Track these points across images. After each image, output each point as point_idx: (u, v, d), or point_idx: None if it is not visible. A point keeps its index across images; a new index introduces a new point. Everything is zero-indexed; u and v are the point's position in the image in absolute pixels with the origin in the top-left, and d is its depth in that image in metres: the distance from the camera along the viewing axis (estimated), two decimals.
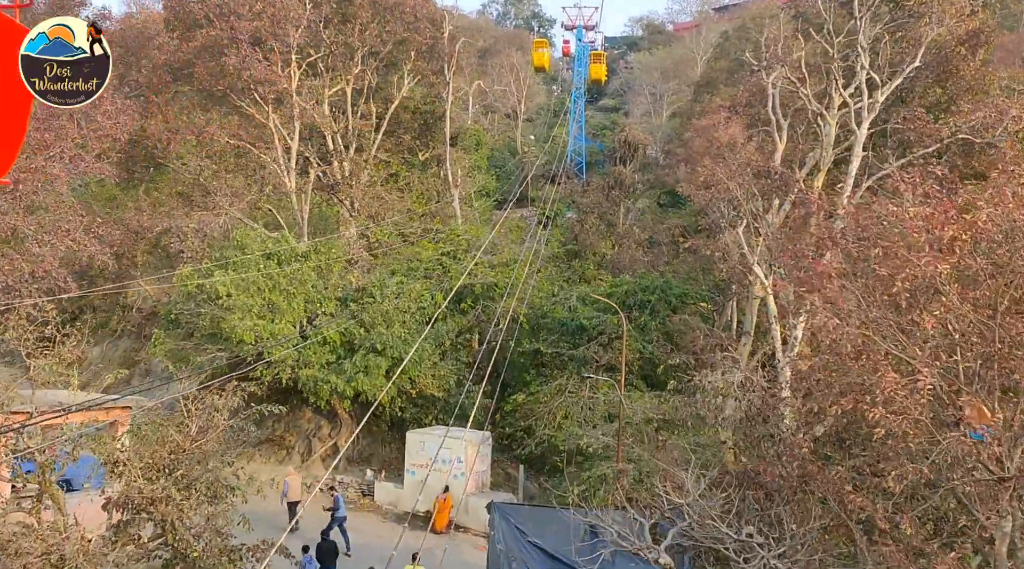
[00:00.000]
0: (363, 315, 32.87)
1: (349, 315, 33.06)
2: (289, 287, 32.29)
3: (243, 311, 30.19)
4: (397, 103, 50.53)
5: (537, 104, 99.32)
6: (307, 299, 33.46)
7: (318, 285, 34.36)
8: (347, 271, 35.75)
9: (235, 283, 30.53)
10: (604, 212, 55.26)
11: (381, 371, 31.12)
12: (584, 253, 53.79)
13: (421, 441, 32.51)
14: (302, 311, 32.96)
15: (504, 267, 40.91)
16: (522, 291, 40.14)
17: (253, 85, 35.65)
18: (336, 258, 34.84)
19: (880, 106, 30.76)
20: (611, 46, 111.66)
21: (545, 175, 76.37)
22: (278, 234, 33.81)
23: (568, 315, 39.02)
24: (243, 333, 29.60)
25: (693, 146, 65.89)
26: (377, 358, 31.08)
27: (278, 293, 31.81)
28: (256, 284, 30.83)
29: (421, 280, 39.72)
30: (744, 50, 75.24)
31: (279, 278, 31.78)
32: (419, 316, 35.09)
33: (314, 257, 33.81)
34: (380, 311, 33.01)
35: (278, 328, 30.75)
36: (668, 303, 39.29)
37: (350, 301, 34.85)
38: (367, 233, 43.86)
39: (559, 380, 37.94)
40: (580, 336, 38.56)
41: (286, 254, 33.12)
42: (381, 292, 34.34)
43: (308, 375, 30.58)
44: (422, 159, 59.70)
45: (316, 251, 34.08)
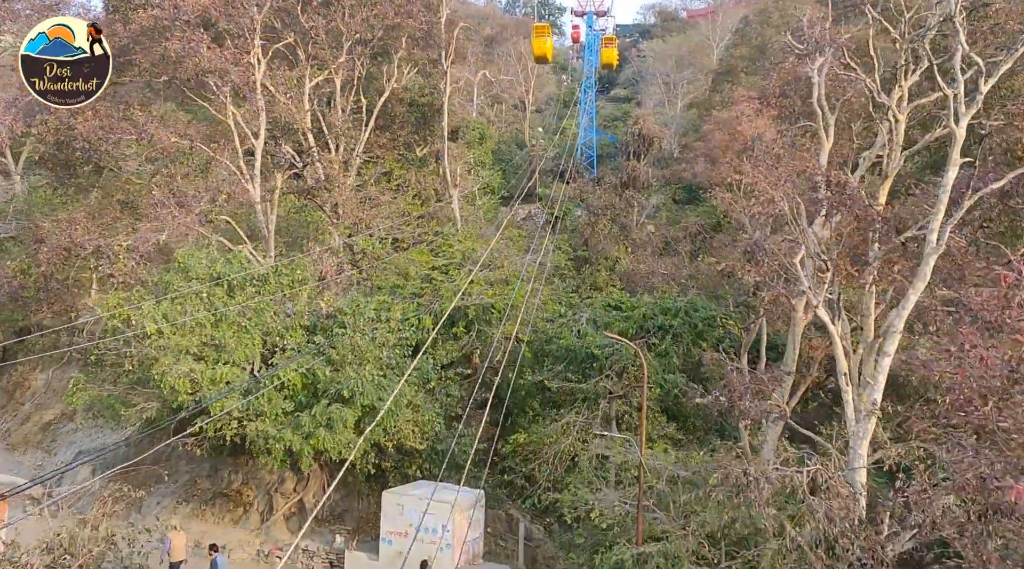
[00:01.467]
0: (330, 351, 26.34)
1: (314, 350, 26.52)
2: (241, 319, 25.78)
3: (177, 353, 23.71)
4: (388, 95, 43.81)
5: (546, 94, 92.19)
6: (266, 331, 26.95)
7: (281, 312, 27.85)
8: (319, 292, 29.19)
9: (169, 317, 24.04)
10: (617, 214, 48.37)
11: (348, 424, 24.56)
12: (595, 259, 47.07)
13: (399, 504, 26.04)
14: (258, 347, 26.45)
15: (503, 285, 34.23)
16: (524, 312, 33.59)
17: (202, 75, 29.08)
18: (301, 280, 28.26)
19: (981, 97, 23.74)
20: (623, 34, 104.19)
21: (553, 170, 69.55)
22: (231, 253, 27.22)
23: (577, 342, 32.33)
24: (175, 381, 23.11)
25: (713, 140, 59.02)
26: (343, 409, 24.50)
27: (226, 327, 25.30)
28: (197, 317, 24.31)
29: (407, 300, 33.14)
30: (766, 36, 68.16)
31: (227, 308, 25.25)
32: (401, 349, 28.55)
33: (274, 280, 27.24)
34: (352, 345, 26.47)
35: (222, 373, 24.20)
36: (693, 327, 32.53)
37: (319, 331, 28.33)
38: (351, 243, 37.27)
39: (567, 417, 31.41)
40: (591, 366, 31.95)
41: (241, 277, 26.59)
42: (355, 319, 27.78)
43: (258, 430, 24.04)
44: (419, 155, 52.99)
45: (278, 272, 27.50)
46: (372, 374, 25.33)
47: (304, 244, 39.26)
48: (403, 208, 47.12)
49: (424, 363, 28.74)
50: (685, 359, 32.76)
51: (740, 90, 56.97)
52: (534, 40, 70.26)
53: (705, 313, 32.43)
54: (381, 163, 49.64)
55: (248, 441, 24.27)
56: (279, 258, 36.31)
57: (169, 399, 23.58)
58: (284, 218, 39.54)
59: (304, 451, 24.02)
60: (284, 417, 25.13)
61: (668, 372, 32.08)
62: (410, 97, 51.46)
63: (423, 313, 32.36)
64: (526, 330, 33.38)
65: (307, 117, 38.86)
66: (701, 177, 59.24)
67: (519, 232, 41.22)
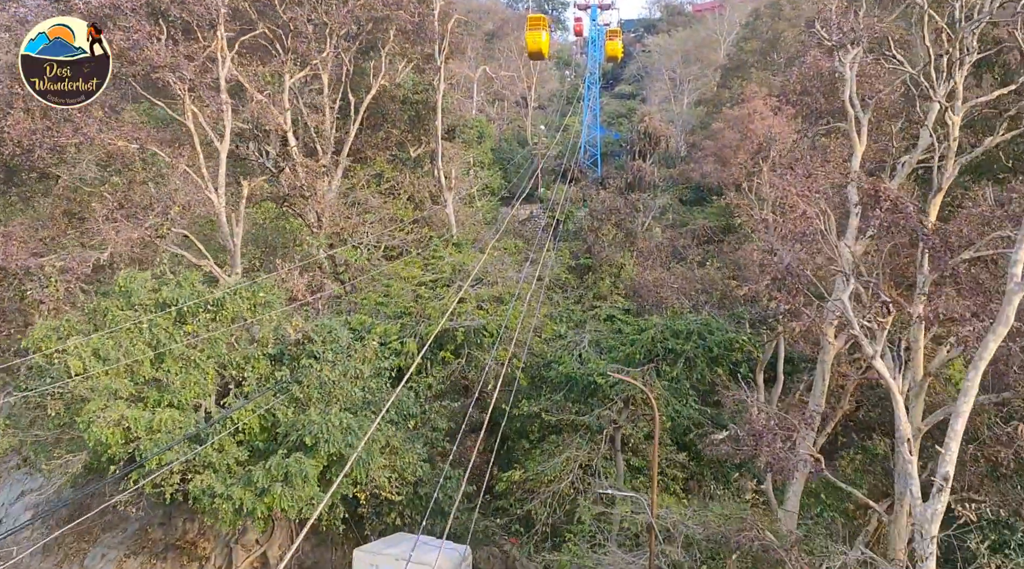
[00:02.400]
0: (294, 387, 22.34)
1: (275, 387, 22.51)
2: (192, 351, 21.77)
3: (108, 396, 19.71)
4: (376, 92, 39.65)
5: (549, 90, 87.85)
6: (222, 363, 22.95)
7: (243, 340, 23.84)
8: (287, 316, 25.14)
9: (101, 353, 20.05)
10: (622, 219, 44.16)
11: (310, 478, 20.51)
12: (599, 267, 42.92)
13: (374, 564, 22.07)
14: (212, 383, 22.44)
15: (497, 304, 30.13)
16: (521, 332, 29.53)
17: (152, 72, 25.02)
18: (264, 303, 24.23)
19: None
20: (627, 29, 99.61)
21: (555, 170, 65.33)
22: (182, 274, 23.15)
23: (578, 368, 28.23)
24: (103, 431, 19.08)
25: (724, 139, 54.74)
26: (305, 459, 20.44)
27: (171, 362, 21.30)
28: (134, 354, 20.32)
29: (391, 321, 29.07)
30: (778, 29, 63.65)
31: (172, 341, 21.26)
32: (378, 381, 24.52)
33: (232, 304, 23.21)
34: (319, 380, 22.46)
35: (163, 418, 20.16)
36: (707, 350, 28.40)
37: (287, 359, 24.32)
38: (332, 254, 33.21)
39: (567, 451, 27.44)
40: (593, 395, 27.92)
41: (193, 303, 22.57)
42: (325, 347, 23.80)
43: (202, 486, 20.01)
44: (414, 155, 48.84)
45: (237, 295, 23.45)
46: (340, 417, 21.25)
47: (284, 254, 35.23)
48: (394, 213, 43.05)
49: (405, 397, 24.71)
50: (698, 382, 28.76)
51: (752, 86, 52.64)
52: (528, 33, 60.68)
53: (721, 336, 28.25)
54: (372, 164, 45.56)
55: (191, 498, 20.25)
56: (252, 274, 32.33)
57: (99, 451, 19.57)
58: (261, 226, 35.52)
59: (257, 510, 20.00)
60: (238, 467, 21.13)
61: (680, 401, 28.06)
62: (403, 94, 47.21)
63: (407, 335, 28.35)
64: (522, 352, 29.37)
65: (287, 117, 34.75)
66: (710, 178, 54.99)
67: (516, 243, 37.06)
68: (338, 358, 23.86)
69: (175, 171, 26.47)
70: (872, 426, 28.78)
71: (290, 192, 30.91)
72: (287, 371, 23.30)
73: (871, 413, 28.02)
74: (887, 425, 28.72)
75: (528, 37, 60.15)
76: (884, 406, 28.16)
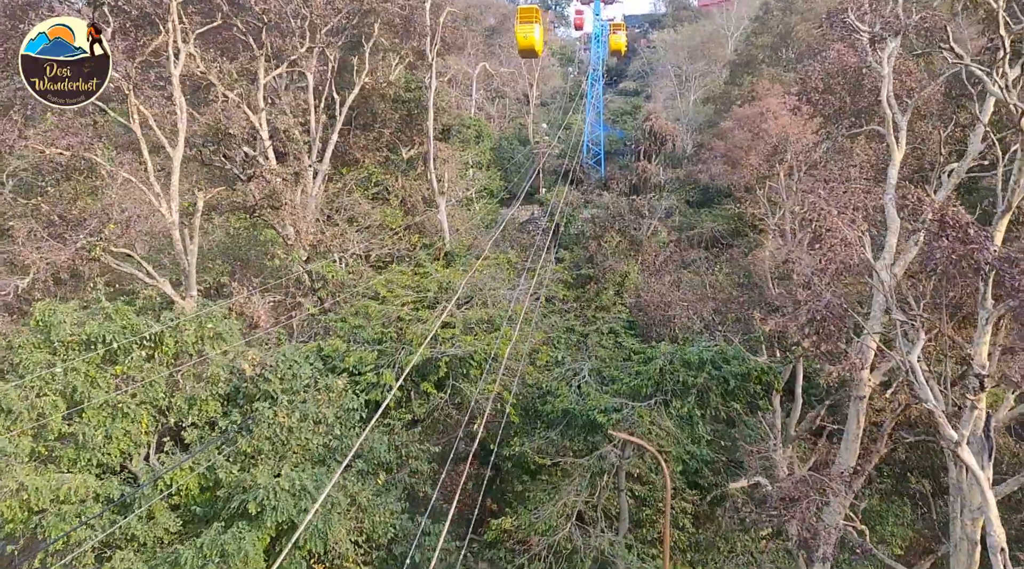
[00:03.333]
0: (241, 440, 18.54)
1: (222, 437, 18.72)
2: (123, 397, 17.98)
3: (3, 459, 15.94)
4: (359, 90, 35.77)
5: (552, 87, 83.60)
6: (160, 409, 19.17)
7: (188, 378, 20.02)
8: (244, 349, 21.31)
9: (3, 405, 16.27)
10: (626, 226, 40.19)
11: (257, 553, 16.70)
12: (601, 276, 39.03)
13: None
14: (146, 434, 18.66)
15: (487, 328, 26.22)
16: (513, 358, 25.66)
17: None
18: (214, 336, 20.40)
19: None
20: (631, 24, 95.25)
21: (557, 170, 61.29)
22: (112, 305, 19.32)
23: (576, 402, 24.34)
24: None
25: (734, 138, 50.63)
26: (247, 531, 16.63)
27: (92, 413, 17.51)
28: (39, 405, 16.55)
29: (368, 347, 25.22)
30: (790, 23, 59.28)
31: (95, 387, 17.49)
32: (343, 426, 20.68)
33: (172, 340, 19.38)
34: (270, 432, 18.66)
35: (72, 485, 16.35)
36: (722, 382, 24.43)
37: (241, 399, 20.53)
38: (307, 269, 29.37)
39: (564, 496, 23.61)
40: (593, 434, 24.04)
41: (128, 340, 18.78)
42: (285, 385, 20.02)
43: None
44: (406, 157, 44.90)
45: (179, 330, 19.62)
46: (292, 477, 17.43)
47: (259, 269, 31.38)
48: (382, 220, 39.17)
49: (377, 442, 20.88)
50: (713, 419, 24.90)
51: (764, 83, 48.48)
52: (518, 27, 51.14)
53: (739, 367, 24.25)
54: (360, 168, 41.67)
55: None
56: (218, 293, 28.52)
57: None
58: (233, 237, 31.68)
59: None
60: (170, 536, 17.35)
61: (691, 440, 24.21)
62: (394, 92, 43.29)
63: (385, 365, 24.50)
64: (514, 382, 25.50)
65: (262, 117, 30.87)
66: (720, 179, 50.93)
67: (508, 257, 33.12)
68: (298, 398, 20.07)
69: (116, 182, 22.60)
70: (910, 466, 24.93)
71: (259, 202, 27.01)
72: (237, 416, 19.49)
73: (909, 453, 24.16)
74: (927, 467, 24.87)
75: (518, 32, 51.12)
76: (923, 445, 24.26)
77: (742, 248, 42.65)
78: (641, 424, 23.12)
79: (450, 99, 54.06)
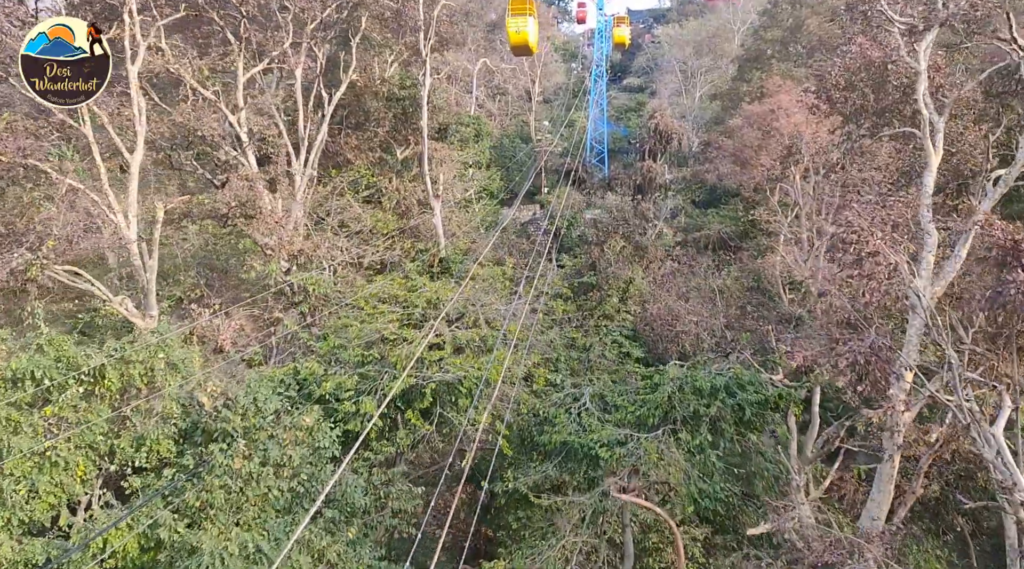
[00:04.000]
0: (189, 493, 15.88)
1: (168, 486, 16.08)
2: (53, 444, 15.36)
3: None
4: (345, 88, 33.03)
5: (555, 83, 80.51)
6: (101, 453, 16.55)
7: (136, 416, 17.38)
8: (203, 380, 18.67)
9: None
10: (630, 232, 37.41)
11: None
12: (604, 284, 36.30)
13: None
14: (81, 485, 16.04)
15: (478, 348, 23.49)
16: (508, 380, 22.97)
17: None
18: (169, 366, 17.75)
19: None
20: (636, 20, 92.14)
21: (559, 169, 58.43)
22: (47, 335, 16.68)
23: (576, 433, 21.59)
24: None
25: (744, 136, 47.68)
26: None
27: (13, 465, 14.87)
28: None
29: (349, 370, 22.54)
30: (800, 16, 56.15)
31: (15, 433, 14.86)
32: (313, 465, 18.02)
33: (116, 374, 16.74)
34: (222, 481, 16.01)
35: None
36: (737, 410, 21.64)
37: (199, 436, 17.90)
38: (286, 281, 26.66)
39: (565, 537, 20.93)
40: (595, 468, 21.31)
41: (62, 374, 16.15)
42: (243, 422, 17.38)
43: None
44: (401, 158, 42.22)
45: (124, 360, 16.96)
46: (244, 538, 14.79)
47: (238, 281, 28.73)
48: (373, 225, 36.50)
49: (351, 486, 18.21)
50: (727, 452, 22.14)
51: (775, 79, 45.51)
52: (509, 19, 43.30)
53: (756, 394, 21.45)
54: (352, 169, 38.95)
55: None
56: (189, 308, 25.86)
57: None
58: (209, 245, 28.99)
59: None
60: None
61: (703, 476, 21.49)
62: (388, 90, 40.57)
63: (367, 390, 21.83)
64: (508, 408, 22.79)
65: (241, 117, 28.16)
66: (728, 180, 48.05)
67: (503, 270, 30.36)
68: (262, 436, 17.41)
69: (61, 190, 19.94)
70: (945, 503, 22.18)
71: (231, 210, 24.32)
72: (190, 460, 16.85)
73: (947, 488, 21.40)
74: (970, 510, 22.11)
75: (509, 25, 43.34)
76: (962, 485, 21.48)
77: (751, 251, 40.02)
78: (647, 460, 20.39)
79: (448, 96, 51.31)
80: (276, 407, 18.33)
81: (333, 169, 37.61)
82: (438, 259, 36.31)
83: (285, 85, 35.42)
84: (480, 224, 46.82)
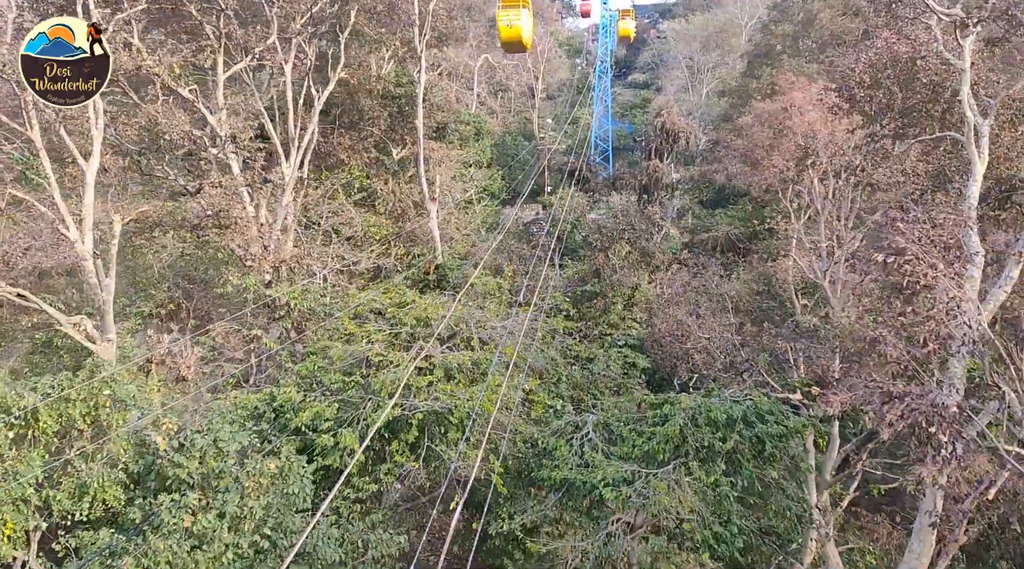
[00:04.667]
0: (133, 548, 13.58)
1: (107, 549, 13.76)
2: None
3: None
4: (333, 86, 30.60)
5: (558, 80, 77.88)
6: (34, 506, 14.25)
7: (79, 460, 15.07)
8: (159, 417, 16.38)
9: None
10: (636, 237, 34.94)
11: None
12: (608, 291, 33.94)
13: None
14: (6, 543, 13.75)
15: (471, 372, 21.09)
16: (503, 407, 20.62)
17: None
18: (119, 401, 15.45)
19: None
20: (641, 14, 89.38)
21: (563, 168, 55.96)
22: None
23: (578, 470, 19.20)
24: None
25: (754, 135, 45.07)
26: None
27: None
28: None
29: (329, 398, 20.18)
30: (813, 9, 53.43)
31: None
32: (281, 513, 15.68)
33: (52, 415, 14.43)
34: (177, 536, 13.69)
35: None
36: (757, 443, 19.21)
37: (152, 480, 15.58)
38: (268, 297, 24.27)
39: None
40: (598, 507, 18.93)
41: None
42: (201, 468, 15.06)
43: None
44: (397, 158, 39.83)
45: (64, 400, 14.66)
46: None
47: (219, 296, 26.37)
48: (366, 229, 34.12)
49: (322, 542, 15.86)
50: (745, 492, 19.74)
51: (787, 75, 42.85)
52: (500, 12, 39.24)
53: (776, 426, 19.01)
54: (345, 170, 36.54)
55: None
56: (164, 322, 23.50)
57: None
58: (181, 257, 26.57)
59: None
60: None
61: (718, 516, 19.14)
62: (383, 87, 38.14)
63: (347, 420, 19.47)
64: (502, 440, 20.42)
65: (221, 117, 25.77)
66: (737, 180, 45.46)
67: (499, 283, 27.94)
68: (222, 483, 15.08)
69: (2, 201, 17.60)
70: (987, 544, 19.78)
71: (203, 220, 21.98)
72: (136, 513, 14.53)
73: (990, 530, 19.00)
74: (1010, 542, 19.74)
75: (500, 18, 39.26)
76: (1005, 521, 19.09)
77: (761, 253, 37.64)
78: (657, 502, 18.01)
79: (447, 94, 48.79)
80: (244, 444, 15.97)
81: (325, 171, 35.20)
82: (434, 266, 33.95)
83: (276, 82, 33.09)
84: (480, 225, 44.46)
